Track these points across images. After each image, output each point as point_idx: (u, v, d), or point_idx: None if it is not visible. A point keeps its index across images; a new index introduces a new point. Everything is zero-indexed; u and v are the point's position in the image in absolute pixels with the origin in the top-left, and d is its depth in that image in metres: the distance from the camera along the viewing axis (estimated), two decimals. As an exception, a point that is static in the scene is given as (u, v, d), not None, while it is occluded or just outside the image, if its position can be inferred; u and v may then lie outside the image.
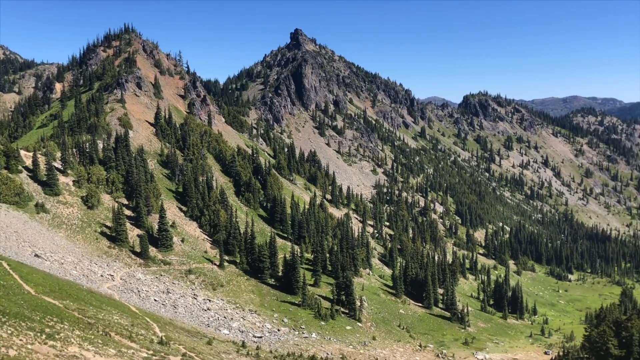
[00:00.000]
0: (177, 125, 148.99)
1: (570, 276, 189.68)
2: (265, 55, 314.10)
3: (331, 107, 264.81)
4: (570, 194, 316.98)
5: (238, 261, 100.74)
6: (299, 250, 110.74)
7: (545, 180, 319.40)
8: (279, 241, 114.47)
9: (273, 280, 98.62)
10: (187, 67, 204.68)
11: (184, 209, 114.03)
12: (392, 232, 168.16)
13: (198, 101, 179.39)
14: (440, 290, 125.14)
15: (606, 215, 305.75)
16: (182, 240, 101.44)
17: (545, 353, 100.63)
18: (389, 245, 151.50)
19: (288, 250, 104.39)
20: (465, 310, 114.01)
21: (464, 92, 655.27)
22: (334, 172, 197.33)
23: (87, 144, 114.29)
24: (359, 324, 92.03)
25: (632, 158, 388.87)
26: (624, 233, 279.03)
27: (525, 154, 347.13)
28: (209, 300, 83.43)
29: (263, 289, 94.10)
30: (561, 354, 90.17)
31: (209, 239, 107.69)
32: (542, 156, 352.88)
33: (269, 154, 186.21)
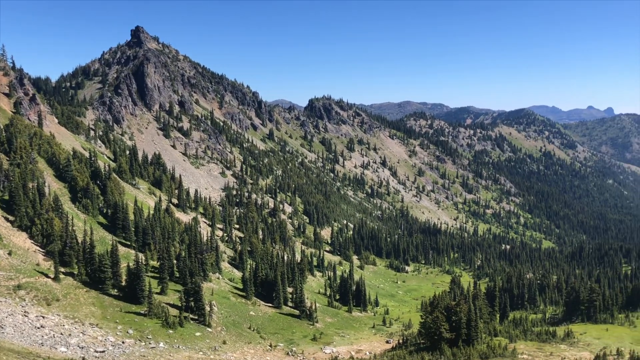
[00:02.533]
0: (1, 127, 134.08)
1: (407, 268, 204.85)
2: (104, 52, 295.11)
3: (176, 108, 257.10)
4: (405, 191, 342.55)
5: (76, 273, 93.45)
6: (143, 257, 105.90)
7: (384, 179, 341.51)
8: (122, 249, 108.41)
9: (116, 290, 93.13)
10: (13, 62, 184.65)
11: (11, 218, 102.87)
12: (242, 235, 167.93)
13: (26, 100, 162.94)
14: (290, 289, 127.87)
15: (437, 210, 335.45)
16: (10, 253, 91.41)
17: (387, 342, 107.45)
18: (239, 248, 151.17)
19: (132, 259, 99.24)
20: (314, 307, 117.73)
21: (309, 96, 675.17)
22: (180, 175, 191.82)
23: None
24: (209, 329, 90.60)
25: (458, 158, 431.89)
26: (452, 226, 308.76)
27: (366, 155, 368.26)
28: (43, 317, 76.25)
29: (105, 301, 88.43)
30: (401, 341, 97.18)
31: (41, 250, 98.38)
32: (380, 157, 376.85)
33: (109, 157, 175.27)
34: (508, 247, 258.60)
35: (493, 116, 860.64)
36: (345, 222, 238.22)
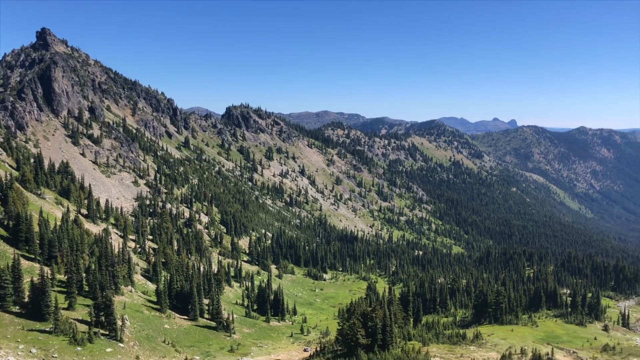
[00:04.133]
0: None
1: (325, 275, 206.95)
2: (5, 54, 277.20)
3: (86, 114, 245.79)
4: (324, 200, 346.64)
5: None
6: (49, 271, 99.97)
7: (303, 188, 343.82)
8: (25, 263, 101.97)
9: (18, 307, 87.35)
10: None
11: None
12: (156, 246, 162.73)
13: None
14: (206, 301, 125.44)
15: (354, 218, 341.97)
16: None
17: (305, 350, 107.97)
18: (153, 260, 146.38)
19: (36, 273, 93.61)
20: (231, 318, 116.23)
21: (227, 104, 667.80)
22: (90, 185, 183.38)
23: None
24: (121, 345, 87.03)
25: (373, 167, 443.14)
26: (368, 233, 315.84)
27: (285, 164, 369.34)
28: None
29: (5, 319, 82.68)
30: (318, 349, 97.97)
31: None
32: (299, 166, 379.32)
33: (10, 166, 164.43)
34: (421, 252, 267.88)
35: (406, 127, 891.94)
36: (263, 231, 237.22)
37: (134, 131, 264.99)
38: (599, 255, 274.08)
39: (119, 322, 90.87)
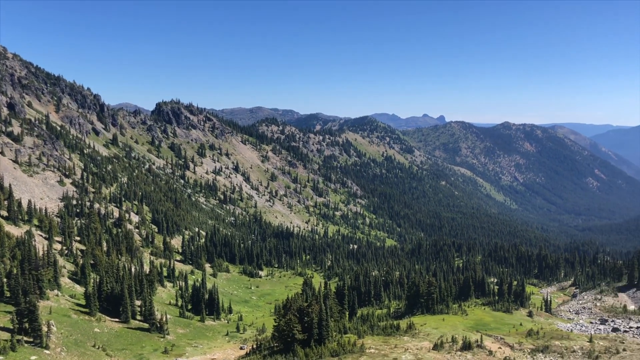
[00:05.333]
0: None
1: (260, 272, 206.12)
2: None
3: (5, 111, 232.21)
4: (258, 196, 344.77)
5: None
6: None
7: (237, 185, 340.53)
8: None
9: None
10: None
11: None
12: (84, 247, 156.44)
13: None
14: (138, 302, 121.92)
15: (289, 214, 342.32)
16: None
17: (241, 348, 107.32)
18: (81, 262, 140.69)
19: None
20: (164, 319, 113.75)
21: (156, 100, 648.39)
22: (10, 185, 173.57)
23: None
24: (47, 352, 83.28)
25: (308, 163, 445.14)
26: (304, 229, 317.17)
27: (218, 161, 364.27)
28: None
29: None
30: (255, 346, 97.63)
31: None
32: (233, 162, 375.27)
33: None
34: (355, 246, 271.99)
35: (340, 123, 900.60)
36: (197, 229, 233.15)
37: (59, 128, 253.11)
38: (523, 244, 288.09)
39: (45, 328, 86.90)
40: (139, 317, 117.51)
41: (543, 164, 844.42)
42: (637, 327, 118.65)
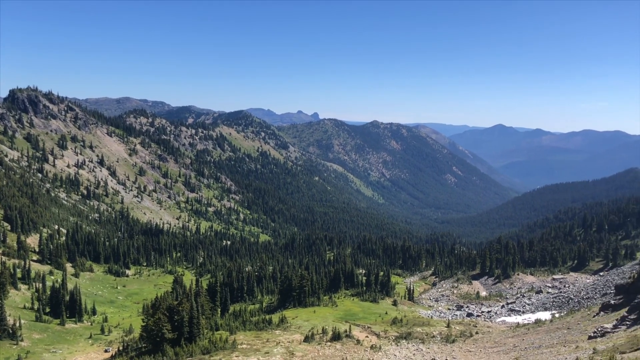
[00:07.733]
0: None
1: (127, 271, 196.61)
2: None
3: None
4: (126, 192, 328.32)
5: None
6: None
7: (102, 179, 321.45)
8: None
9: None
10: None
11: None
12: None
13: None
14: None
15: (159, 211, 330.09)
16: None
17: (106, 351, 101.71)
18: None
19: None
20: (17, 324, 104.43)
21: (10, 86, 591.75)
22: None
23: None
24: None
25: (180, 157, 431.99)
26: (175, 225, 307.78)
27: (81, 154, 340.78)
28: None
29: None
30: (121, 348, 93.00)
31: None
32: (97, 155, 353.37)
33: None
34: (229, 242, 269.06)
35: (214, 116, 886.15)
36: (57, 227, 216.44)
37: None
38: (389, 237, 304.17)
39: None
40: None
41: (408, 161, 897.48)
42: (488, 312, 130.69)
